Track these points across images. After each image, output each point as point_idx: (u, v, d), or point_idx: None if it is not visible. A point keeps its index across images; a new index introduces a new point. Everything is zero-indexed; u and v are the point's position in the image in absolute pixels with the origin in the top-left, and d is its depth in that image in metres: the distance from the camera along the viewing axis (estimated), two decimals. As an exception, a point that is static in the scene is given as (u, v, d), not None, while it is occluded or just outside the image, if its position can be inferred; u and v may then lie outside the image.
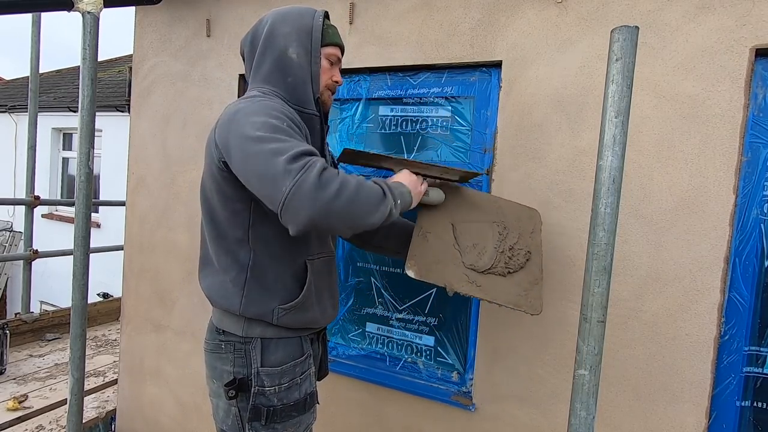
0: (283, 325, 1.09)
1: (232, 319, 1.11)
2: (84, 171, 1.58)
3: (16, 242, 7.23)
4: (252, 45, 1.15)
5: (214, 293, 1.13)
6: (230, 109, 1.02)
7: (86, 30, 1.55)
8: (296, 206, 0.85)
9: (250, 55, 1.15)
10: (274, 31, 1.10)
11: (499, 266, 1.17)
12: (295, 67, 1.10)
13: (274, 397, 1.08)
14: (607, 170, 0.79)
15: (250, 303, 1.08)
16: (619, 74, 0.78)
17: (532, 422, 1.42)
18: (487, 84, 1.50)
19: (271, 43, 1.10)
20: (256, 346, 1.09)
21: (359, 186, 0.91)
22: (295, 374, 1.11)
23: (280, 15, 1.12)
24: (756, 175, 1.20)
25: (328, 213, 0.87)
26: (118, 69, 7.83)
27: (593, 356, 0.81)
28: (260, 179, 0.89)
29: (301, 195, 0.84)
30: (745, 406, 1.25)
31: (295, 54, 1.10)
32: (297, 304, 1.10)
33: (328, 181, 0.86)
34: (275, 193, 0.86)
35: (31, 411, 2.23)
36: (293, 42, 1.10)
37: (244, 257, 1.08)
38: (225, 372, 1.10)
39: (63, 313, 3.37)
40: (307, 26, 1.11)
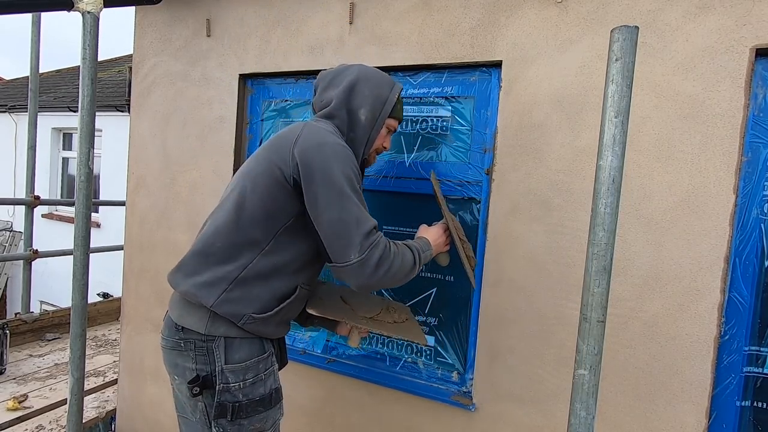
0: (246, 329, 1.13)
1: (195, 316, 1.13)
2: (84, 171, 1.58)
3: (16, 242, 7.24)
4: (330, 84, 1.27)
5: (192, 282, 1.13)
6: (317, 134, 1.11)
7: (86, 30, 1.55)
8: (352, 275, 1.07)
9: (323, 92, 1.28)
10: (355, 87, 1.23)
11: (387, 318, 1.39)
12: (360, 128, 1.23)
13: (239, 393, 1.11)
14: (607, 170, 0.79)
15: (226, 301, 1.11)
16: (619, 74, 0.78)
17: (532, 422, 1.42)
18: (487, 84, 1.50)
19: (348, 97, 1.23)
20: (220, 344, 1.11)
21: (401, 264, 1.11)
22: (259, 370, 1.15)
23: (365, 75, 1.25)
24: (756, 175, 1.20)
25: (371, 286, 1.09)
26: (118, 69, 7.84)
27: (593, 356, 0.81)
28: (334, 233, 1.06)
29: (361, 270, 1.05)
30: (745, 406, 1.25)
31: (364, 117, 1.23)
32: (267, 317, 1.14)
33: (384, 263, 1.07)
34: (342, 254, 1.06)
35: (31, 411, 2.23)
36: (368, 106, 1.23)
37: (249, 257, 1.12)
38: (187, 369, 1.13)
39: (63, 313, 3.37)
40: (383, 97, 1.26)
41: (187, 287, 1.14)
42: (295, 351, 1.83)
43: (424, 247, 1.23)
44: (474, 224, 1.54)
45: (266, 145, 1.18)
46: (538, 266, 1.40)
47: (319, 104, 1.29)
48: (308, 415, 1.80)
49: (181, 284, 1.16)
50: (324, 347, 1.81)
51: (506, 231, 1.44)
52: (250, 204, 1.12)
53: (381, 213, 1.69)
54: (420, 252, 1.19)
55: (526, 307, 1.42)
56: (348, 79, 1.24)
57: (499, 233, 1.45)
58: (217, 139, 1.93)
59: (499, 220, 1.45)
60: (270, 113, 1.90)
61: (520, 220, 1.42)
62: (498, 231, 1.45)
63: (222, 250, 1.13)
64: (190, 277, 1.15)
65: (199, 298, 1.11)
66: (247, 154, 1.94)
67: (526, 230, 1.41)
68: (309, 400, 1.80)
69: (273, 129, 1.89)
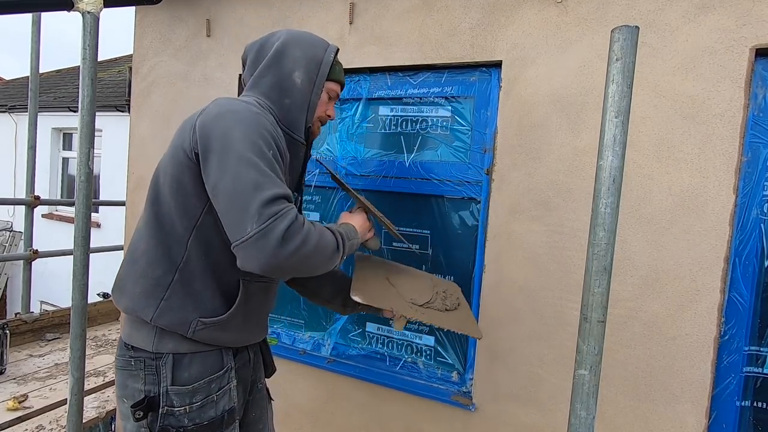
0: (199, 339, 1.02)
1: (142, 333, 1.02)
2: (84, 171, 1.58)
3: (16, 242, 7.23)
4: (258, 54, 1.14)
5: (129, 296, 1.03)
6: (222, 104, 0.98)
7: (86, 30, 1.55)
8: (252, 252, 0.85)
9: (253, 63, 1.15)
10: (285, 50, 1.10)
11: (437, 303, 1.26)
12: (296, 92, 1.10)
13: (184, 418, 1.00)
14: (607, 170, 0.79)
15: (166, 310, 0.99)
16: (619, 74, 0.78)
17: (532, 422, 1.42)
18: (487, 84, 1.50)
19: (278, 61, 1.10)
20: (167, 362, 1.00)
21: (318, 243, 0.92)
22: (210, 391, 1.03)
23: (295, 38, 1.13)
24: (756, 175, 1.20)
25: (281, 267, 0.87)
26: (118, 69, 7.83)
27: (593, 356, 0.81)
28: (230, 203, 0.87)
29: (261, 244, 0.84)
30: (745, 406, 1.25)
31: (299, 79, 1.10)
32: (218, 321, 1.03)
33: (292, 237, 0.86)
34: (238, 228, 0.86)
35: (31, 411, 2.22)
36: (301, 68, 1.10)
37: (177, 255, 1.00)
38: (136, 391, 1.02)
39: (63, 313, 3.37)
40: (317, 57, 1.13)
41: (125, 303, 1.03)
42: (295, 351, 1.83)
43: (350, 233, 1.08)
44: (474, 224, 1.54)
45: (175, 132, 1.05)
46: (538, 266, 1.40)
47: (248, 78, 1.16)
48: (308, 415, 1.80)
49: (120, 300, 1.05)
50: (321, 347, 1.81)
51: (506, 231, 1.44)
52: (163, 195, 1.00)
53: (381, 213, 1.69)
54: (344, 237, 1.03)
55: (526, 307, 1.42)
56: (276, 44, 1.11)
57: (499, 233, 1.45)
58: (217, 139, 1.93)
59: (499, 220, 1.45)
60: (270, 113, 1.89)
61: (520, 220, 1.42)
62: (498, 231, 1.45)
63: (147, 253, 1.02)
64: (126, 291, 1.04)
65: (138, 313, 1.01)
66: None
67: (526, 230, 1.41)
68: (309, 400, 1.80)
69: (273, 129, 1.89)
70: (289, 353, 1.82)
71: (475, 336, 1.21)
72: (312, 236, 0.90)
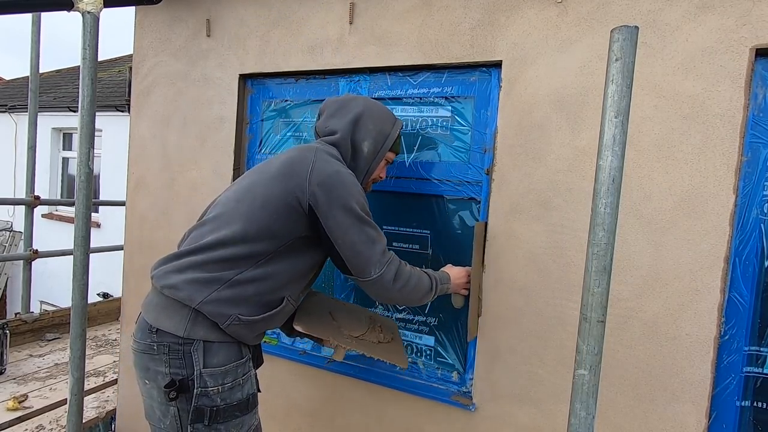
0: (228, 332, 1.14)
1: (174, 318, 1.11)
2: (84, 171, 1.58)
3: (16, 242, 7.24)
4: (336, 113, 1.34)
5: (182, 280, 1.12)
6: (330, 164, 1.18)
7: (86, 30, 1.55)
8: (373, 288, 1.21)
9: (328, 118, 1.35)
10: (360, 120, 1.31)
11: (372, 336, 1.45)
12: (362, 159, 1.32)
13: (217, 397, 1.11)
14: (607, 170, 0.79)
15: (216, 300, 1.11)
16: (619, 74, 0.78)
17: (532, 422, 1.42)
18: (487, 84, 1.50)
19: (353, 128, 1.31)
20: (198, 347, 1.11)
21: (418, 282, 1.26)
22: (237, 374, 1.15)
23: (371, 110, 1.34)
24: (756, 175, 1.20)
25: (390, 299, 1.25)
26: (118, 69, 7.84)
27: (593, 356, 0.81)
28: (355, 254, 1.17)
29: (381, 282, 1.20)
30: (745, 406, 1.25)
31: (366, 149, 1.32)
32: (252, 322, 1.16)
33: (400, 277, 1.22)
34: (364, 270, 1.18)
35: (31, 411, 2.22)
36: (371, 139, 1.32)
37: (246, 265, 1.15)
38: (159, 374, 1.11)
39: (63, 313, 3.37)
40: (385, 132, 1.35)
41: (175, 281, 1.12)
42: (295, 352, 1.83)
43: (444, 279, 1.35)
44: (474, 224, 1.54)
45: (279, 168, 1.20)
46: (538, 266, 1.40)
47: (323, 130, 1.35)
48: (308, 415, 1.80)
49: (170, 278, 1.14)
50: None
51: (506, 231, 1.44)
52: (259, 223, 1.15)
53: (381, 213, 1.69)
54: (438, 281, 1.32)
55: (526, 307, 1.42)
56: (354, 112, 1.31)
57: (499, 233, 1.45)
58: (217, 139, 1.93)
59: (499, 220, 1.45)
60: (270, 113, 1.90)
61: (520, 220, 1.42)
62: (498, 231, 1.45)
63: (223, 258, 1.14)
64: (180, 274, 1.14)
65: (187, 294, 1.10)
66: (247, 154, 1.94)
67: (526, 230, 1.41)
68: (309, 400, 1.80)
69: (273, 129, 1.89)
70: (289, 353, 1.82)
71: (401, 365, 1.42)
72: (413, 278, 1.25)
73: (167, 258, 1.21)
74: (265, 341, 1.88)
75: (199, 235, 1.21)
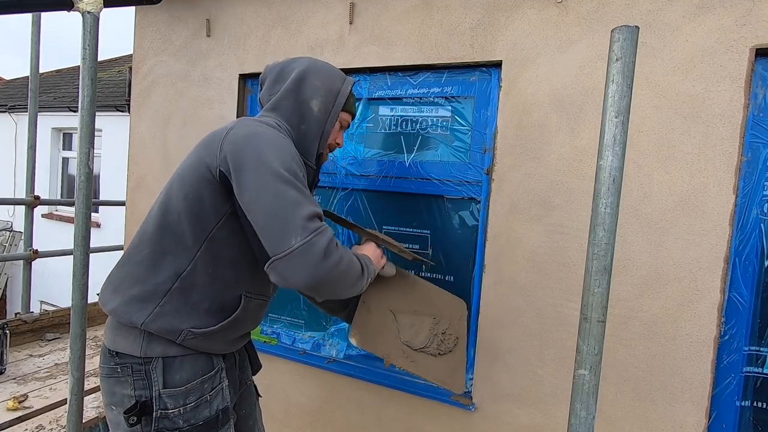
0: (187, 345, 1.03)
1: (129, 338, 1.02)
2: (84, 171, 1.58)
3: (16, 242, 7.23)
4: (278, 77, 1.19)
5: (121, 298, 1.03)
6: (250, 126, 1.01)
7: (86, 30, 1.55)
8: (296, 264, 0.87)
9: (272, 85, 1.19)
10: (306, 78, 1.15)
11: (432, 347, 1.29)
12: (312, 119, 1.15)
13: (179, 419, 1.01)
14: (607, 170, 0.79)
15: (159, 316, 1.00)
16: (619, 74, 0.78)
17: (532, 422, 1.42)
18: (487, 84, 1.50)
19: (298, 87, 1.15)
20: (158, 366, 1.00)
21: (350, 263, 0.97)
22: (203, 391, 1.04)
23: (315, 67, 1.18)
24: (756, 175, 1.20)
25: (323, 281, 0.90)
26: (118, 69, 7.84)
27: (593, 356, 0.81)
28: (270, 219, 0.89)
29: (307, 256, 0.87)
30: (745, 406, 1.25)
31: (316, 108, 1.15)
32: (209, 332, 1.03)
33: (332, 252, 0.91)
34: (281, 241, 0.87)
35: (31, 411, 2.22)
36: (319, 97, 1.15)
37: (181, 264, 1.01)
38: (126, 397, 1.01)
39: (63, 313, 3.37)
40: (335, 88, 1.19)
41: (115, 305, 1.03)
42: (295, 351, 1.83)
43: (368, 261, 1.12)
44: (474, 224, 1.54)
45: (196, 146, 1.07)
46: (538, 266, 1.40)
47: (266, 99, 1.20)
48: (308, 415, 1.80)
49: (109, 302, 1.04)
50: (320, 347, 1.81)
51: (506, 231, 1.44)
52: (176, 204, 1.01)
53: (381, 213, 1.69)
54: (366, 264, 1.08)
55: (526, 307, 1.42)
56: (297, 71, 1.16)
57: (499, 233, 1.45)
58: (217, 139, 1.93)
59: (499, 220, 1.45)
60: (270, 113, 1.89)
61: (520, 220, 1.42)
62: (498, 231, 1.45)
63: (150, 258, 1.02)
64: (118, 293, 1.04)
65: (128, 317, 1.00)
66: (247, 154, 1.94)
67: (526, 230, 1.41)
68: (309, 400, 1.80)
69: (273, 129, 1.89)
70: (289, 353, 1.82)
71: (455, 390, 1.25)
72: (346, 255, 0.96)
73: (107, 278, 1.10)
74: (264, 341, 1.88)
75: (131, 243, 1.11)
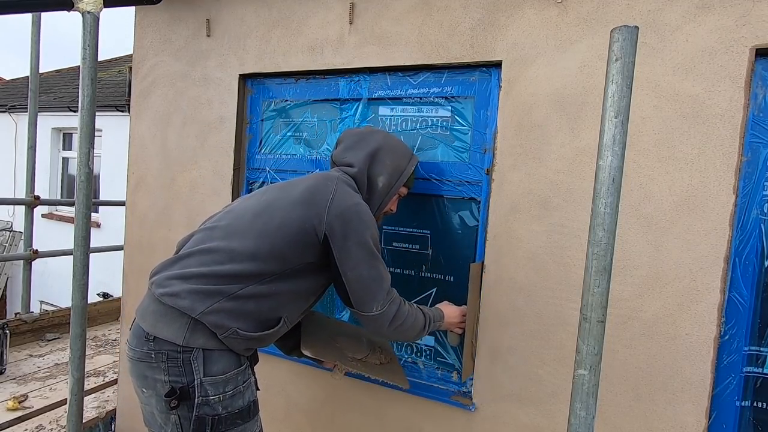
0: (226, 342, 1.13)
1: (173, 326, 1.10)
2: (84, 171, 1.58)
3: (16, 242, 7.24)
4: (356, 147, 1.36)
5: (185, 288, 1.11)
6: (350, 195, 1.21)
7: (86, 30, 1.55)
8: (371, 323, 1.22)
9: (350, 150, 1.36)
10: (378, 155, 1.34)
11: (373, 357, 1.51)
12: (376, 193, 1.35)
13: (218, 406, 1.10)
14: (607, 170, 0.79)
15: (217, 311, 1.10)
16: (619, 74, 0.78)
17: (532, 422, 1.42)
18: (487, 84, 1.50)
19: (371, 162, 1.33)
20: (198, 356, 1.10)
21: (414, 321, 1.26)
22: (238, 382, 1.15)
23: (389, 145, 1.37)
24: (756, 175, 1.20)
25: (382, 335, 1.30)
26: (118, 69, 7.84)
27: (593, 356, 0.81)
28: (362, 288, 1.18)
29: (380, 320, 1.21)
30: (745, 406, 1.25)
31: (381, 183, 1.34)
32: (249, 336, 1.15)
33: (398, 318, 1.22)
34: (366, 305, 1.19)
35: (31, 411, 2.23)
36: (386, 174, 1.34)
37: (254, 277, 1.15)
38: (158, 381, 1.09)
39: (63, 313, 3.37)
40: (401, 167, 1.37)
41: (178, 289, 1.11)
42: (295, 351, 1.83)
43: (437, 317, 1.35)
44: (474, 224, 1.54)
45: (301, 194, 1.21)
46: (538, 266, 1.40)
47: (340, 160, 1.37)
48: (308, 415, 1.80)
49: (172, 286, 1.13)
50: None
51: (506, 231, 1.44)
52: (273, 244, 1.15)
53: (381, 213, 1.69)
54: (431, 320, 1.32)
55: (526, 307, 1.42)
56: (372, 146, 1.34)
57: (499, 233, 1.45)
58: (217, 139, 1.93)
59: (499, 220, 1.45)
60: (270, 113, 1.90)
61: (520, 220, 1.42)
62: (498, 231, 1.45)
63: (229, 273, 1.13)
64: (186, 282, 1.13)
65: (189, 304, 1.09)
66: (247, 154, 1.94)
67: (526, 230, 1.41)
68: (309, 400, 1.80)
69: (273, 129, 1.89)
70: (289, 353, 1.82)
71: (403, 385, 1.46)
72: (410, 318, 1.25)
73: (169, 262, 1.20)
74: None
75: (208, 238, 1.20)
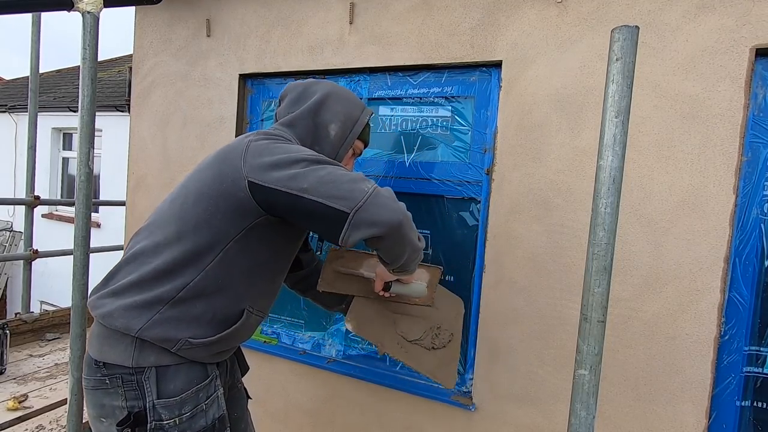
0: (182, 355, 1.01)
1: (119, 348, 0.98)
2: (84, 171, 1.58)
3: (16, 242, 7.24)
4: (299, 97, 1.21)
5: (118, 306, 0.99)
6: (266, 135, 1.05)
7: (86, 30, 1.55)
8: (379, 203, 0.93)
9: (292, 104, 1.21)
10: (326, 102, 1.18)
11: (426, 340, 1.33)
12: (327, 143, 1.17)
13: (174, 430, 0.98)
14: (607, 170, 0.79)
15: (158, 324, 0.97)
16: (619, 74, 0.78)
17: (532, 422, 1.42)
18: (487, 84, 1.50)
19: (318, 109, 1.17)
20: (151, 375, 0.98)
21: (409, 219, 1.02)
22: (198, 400, 1.02)
23: (337, 93, 1.21)
24: (756, 175, 1.20)
25: (406, 216, 0.97)
26: (118, 69, 7.84)
27: (593, 356, 0.81)
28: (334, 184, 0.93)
29: (383, 196, 0.94)
30: (745, 406, 1.25)
31: (333, 132, 1.18)
32: (206, 342, 1.02)
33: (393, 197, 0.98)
34: (354, 193, 0.92)
35: (31, 411, 2.22)
36: (338, 122, 1.18)
37: (190, 276, 1.00)
38: (117, 408, 0.98)
39: (63, 313, 3.37)
40: (354, 116, 1.22)
41: (111, 308, 0.99)
42: (295, 351, 1.83)
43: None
44: (474, 224, 1.54)
45: (213, 157, 1.06)
46: (538, 266, 1.40)
47: (283, 115, 1.21)
48: (308, 415, 1.80)
49: (104, 306, 1.01)
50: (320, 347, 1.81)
51: (506, 231, 1.44)
52: (196, 219, 1.00)
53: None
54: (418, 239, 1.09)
55: (526, 307, 1.42)
56: (320, 93, 1.18)
57: (499, 233, 1.45)
58: (217, 139, 1.93)
59: (499, 220, 1.45)
60: (270, 113, 1.90)
61: (520, 220, 1.42)
62: (498, 231, 1.45)
63: (160, 270, 1.00)
64: (118, 298, 1.01)
65: (125, 322, 0.97)
66: (247, 154, 1.93)
67: (526, 230, 1.41)
68: (309, 400, 1.80)
69: (273, 129, 1.89)
70: (289, 353, 1.82)
71: (445, 385, 1.30)
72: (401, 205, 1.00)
73: (102, 281, 1.07)
74: (264, 341, 1.88)
75: (134, 244, 1.07)
